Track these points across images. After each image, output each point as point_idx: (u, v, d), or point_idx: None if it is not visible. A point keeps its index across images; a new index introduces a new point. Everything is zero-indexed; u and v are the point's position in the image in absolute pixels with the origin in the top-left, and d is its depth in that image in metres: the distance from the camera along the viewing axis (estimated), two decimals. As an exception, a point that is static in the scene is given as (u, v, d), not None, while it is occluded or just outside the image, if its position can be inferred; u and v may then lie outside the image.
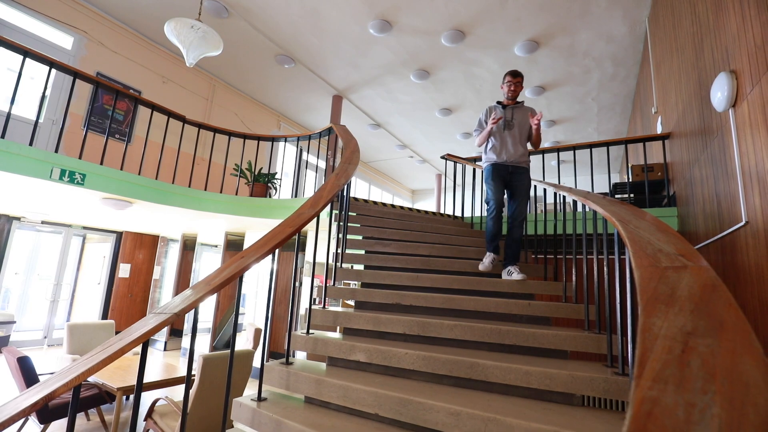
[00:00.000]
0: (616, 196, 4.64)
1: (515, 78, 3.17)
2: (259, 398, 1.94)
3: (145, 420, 3.09)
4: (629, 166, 4.55)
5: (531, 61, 6.08)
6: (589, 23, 5.20)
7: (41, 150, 3.45)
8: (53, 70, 3.86)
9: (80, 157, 3.77)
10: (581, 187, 5.58)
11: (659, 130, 4.49)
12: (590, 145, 4.47)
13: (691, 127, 3.24)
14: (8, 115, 3.31)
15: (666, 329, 0.69)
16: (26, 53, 3.42)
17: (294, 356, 3.68)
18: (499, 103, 3.28)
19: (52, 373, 3.41)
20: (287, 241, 2.01)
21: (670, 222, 3.74)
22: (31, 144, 3.43)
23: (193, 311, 1.63)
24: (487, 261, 2.97)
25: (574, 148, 4.52)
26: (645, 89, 5.62)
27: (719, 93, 2.41)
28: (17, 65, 3.70)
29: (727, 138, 2.45)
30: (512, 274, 2.86)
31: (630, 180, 4.43)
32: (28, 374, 2.96)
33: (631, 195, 4.40)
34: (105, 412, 3.82)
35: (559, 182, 4.55)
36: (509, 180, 3.13)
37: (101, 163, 3.92)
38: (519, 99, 3.28)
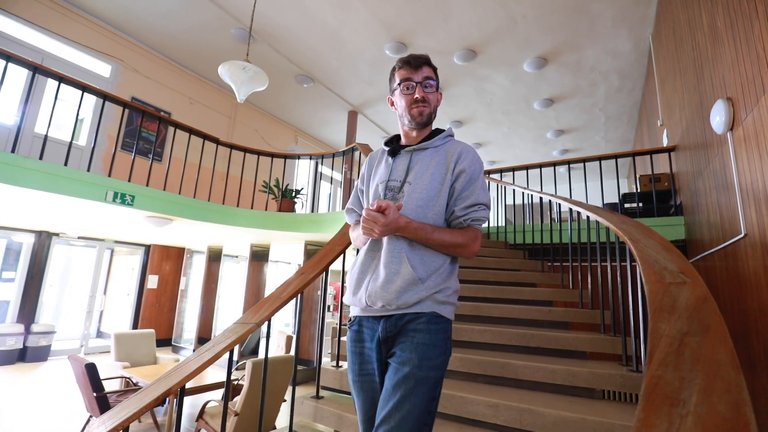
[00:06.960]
0: (626, 205, 4.89)
1: (416, 70, 1.24)
2: (318, 396, 2.23)
3: (197, 420, 3.38)
4: (637, 176, 4.80)
5: (539, 76, 6.36)
6: (596, 40, 5.48)
7: (97, 175, 3.80)
8: (95, 99, 4.22)
9: (129, 180, 4.12)
10: (591, 193, 5.81)
11: (665, 142, 4.74)
12: (600, 158, 4.73)
13: (695, 141, 3.49)
14: (70, 144, 3.67)
15: (668, 331, 0.97)
16: (84, 88, 3.79)
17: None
18: (389, 143, 1.36)
19: (107, 379, 3.71)
20: (338, 257, 2.31)
21: (678, 230, 3.98)
22: (88, 170, 3.79)
23: (267, 323, 1.93)
24: None
25: (584, 160, 4.79)
26: (650, 101, 5.87)
27: (718, 117, 2.68)
28: (64, 95, 4.04)
29: (726, 157, 2.70)
30: None
31: (638, 190, 4.68)
32: (94, 379, 3.28)
33: (640, 204, 4.65)
34: (157, 414, 4.12)
35: (571, 188, 4.83)
36: (386, 356, 1.19)
37: (147, 185, 4.27)
38: (436, 126, 1.34)
